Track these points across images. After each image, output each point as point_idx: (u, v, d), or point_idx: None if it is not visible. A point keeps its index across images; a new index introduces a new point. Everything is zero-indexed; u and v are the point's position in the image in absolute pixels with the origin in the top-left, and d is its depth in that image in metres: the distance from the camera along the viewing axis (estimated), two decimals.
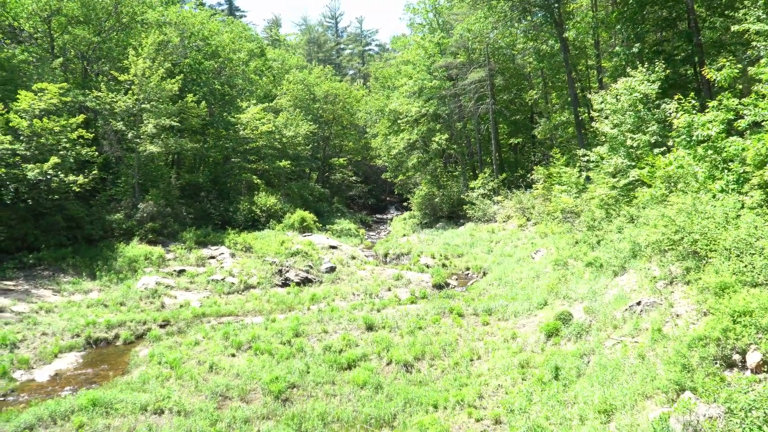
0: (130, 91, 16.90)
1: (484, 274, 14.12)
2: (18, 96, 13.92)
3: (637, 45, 13.62)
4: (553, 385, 6.12)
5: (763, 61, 8.35)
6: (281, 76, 34.86)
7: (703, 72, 10.39)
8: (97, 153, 15.36)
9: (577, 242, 12.12)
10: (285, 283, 13.58)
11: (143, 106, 16.99)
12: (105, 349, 9.21)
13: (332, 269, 14.97)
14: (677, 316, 6.12)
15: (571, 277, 10.21)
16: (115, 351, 9.15)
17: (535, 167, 19.84)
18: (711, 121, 8.45)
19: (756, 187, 6.93)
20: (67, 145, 14.11)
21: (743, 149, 7.50)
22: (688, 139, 8.93)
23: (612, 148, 11.86)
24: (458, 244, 18.20)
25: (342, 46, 64.46)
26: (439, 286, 13.30)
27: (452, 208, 24.18)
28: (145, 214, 15.69)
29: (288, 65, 38.25)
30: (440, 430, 5.59)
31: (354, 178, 38.65)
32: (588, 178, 14.04)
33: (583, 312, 8.13)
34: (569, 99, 19.00)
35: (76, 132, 14.51)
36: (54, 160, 13.24)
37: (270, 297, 12.02)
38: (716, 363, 4.58)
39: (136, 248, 14.20)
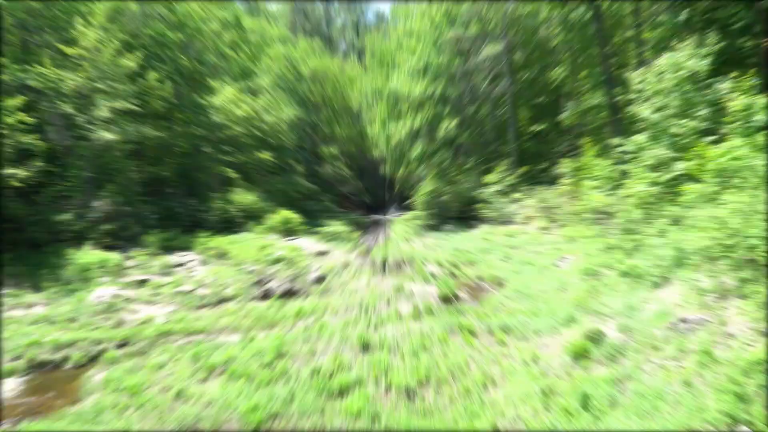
0: (80, 68, 16.88)
1: (501, 285, 14.15)
2: None
3: (685, 12, 13.56)
4: (581, 416, 6.13)
5: None
6: (261, 51, 34.88)
7: (765, 44, 10.39)
8: (41, 141, 15.35)
9: (610, 248, 12.15)
10: (266, 296, 13.61)
11: (96, 85, 16.96)
12: (52, 374, 9.20)
13: (321, 279, 15.04)
14: (730, 336, 6.14)
15: (603, 288, 10.24)
16: (64, 376, 9.13)
17: (561, 159, 19.89)
18: None
19: None
20: (4, 132, 14.08)
21: None
22: (746, 125, 8.92)
23: (653, 137, 11.89)
24: (470, 249, 18.25)
25: (333, 15, 64.55)
26: (447, 300, 13.32)
27: (463, 208, 24.26)
28: (99, 214, 15.67)
29: (269, 38, 38.23)
30: None
31: (347, 171, 38.72)
32: (624, 172, 14.08)
33: (617, 330, 8.15)
34: (602, 78, 19.05)
35: (14, 116, 14.48)
36: None
37: (248, 312, 12.04)
38: None
39: (89, 254, 14.18)
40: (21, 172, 13.73)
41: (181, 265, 15.12)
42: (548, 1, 21.82)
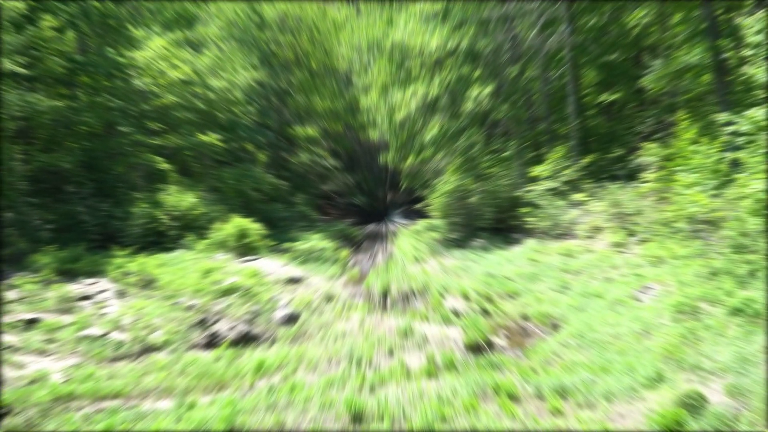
0: None
1: (555, 327, 14.23)
2: None
3: None
4: None
5: None
6: None
7: None
8: None
9: (714, 273, 12.23)
10: (211, 343, 13.67)
11: None
12: None
13: (293, 319, 15.13)
14: None
15: (705, 333, 10.32)
16: None
17: (643, 143, 20.02)
18: None
19: None
20: None
21: None
22: None
23: None
24: (510, 275, 18.38)
25: None
26: (476, 348, 13.40)
27: (500, 214, 24.37)
28: None
29: None
30: None
31: (331, 161, 38.89)
32: (736, 163, 14.19)
33: (724, 393, 8.22)
34: (703, 25, 19.21)
35: None
36: None
37: (186, 366, 12.09)
38: None
39: None
40: None
41: (87, 297, 15.17)
42: None
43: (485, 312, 16.07)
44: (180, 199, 22.38)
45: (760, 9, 15.10)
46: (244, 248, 20.86)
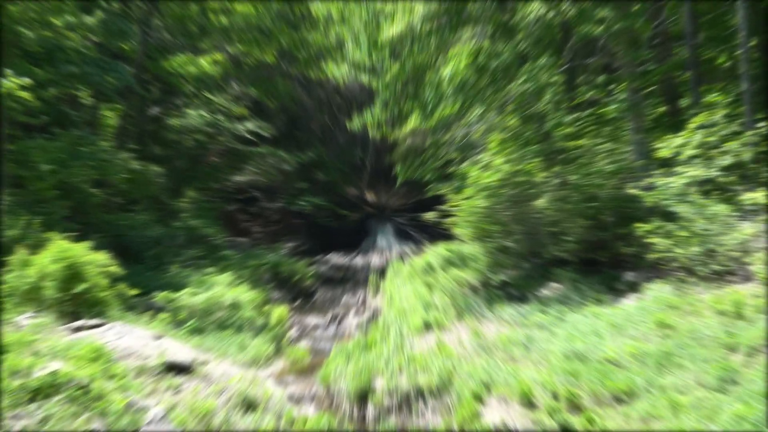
0: None
1: None
2: None
3: None
4: None
5: None
6: None
7: None
8: None
9: None
10: None
11: None
12: None
13: None
14: None
15: None
16: None
17: None
18: None
19: None
20: None
21: None
22: None
23: None
24: (617, 356, 18.39)
25: None
26: None
27: (597, 233, 24.45)
28: None
29: None
30: None
31: (251, 126, 39.05)
32: None
33: None
34: None
35: None
36: None
37: None
38: None
39: None
40: None
41: None
42: None
43: None
44: None
45: None
46: (77, 302, 20.72)
